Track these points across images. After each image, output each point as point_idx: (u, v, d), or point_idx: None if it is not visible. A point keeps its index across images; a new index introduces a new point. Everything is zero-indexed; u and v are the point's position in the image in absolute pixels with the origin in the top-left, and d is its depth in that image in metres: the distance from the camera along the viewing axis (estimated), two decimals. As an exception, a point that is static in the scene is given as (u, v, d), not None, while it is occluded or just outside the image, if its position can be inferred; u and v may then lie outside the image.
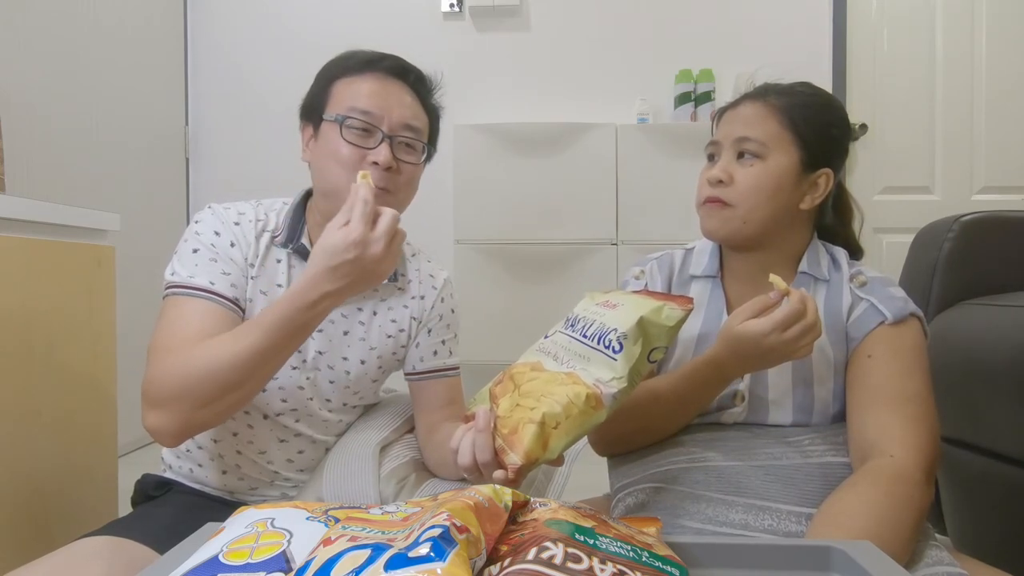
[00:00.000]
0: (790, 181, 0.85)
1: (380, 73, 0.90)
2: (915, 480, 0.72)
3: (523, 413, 0.64)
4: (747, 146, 0.85)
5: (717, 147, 0.89)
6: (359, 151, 0.87)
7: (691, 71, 2.67)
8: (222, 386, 0.75)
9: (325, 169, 0.88)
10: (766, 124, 0.85)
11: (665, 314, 0.66)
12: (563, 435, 0.63)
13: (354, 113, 0.87)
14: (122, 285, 1.39)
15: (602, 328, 0.67)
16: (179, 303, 0.83)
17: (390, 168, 0.87)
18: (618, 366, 0.64)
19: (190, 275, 0.85)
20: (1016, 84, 2.72)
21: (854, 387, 0.82)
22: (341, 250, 0.71)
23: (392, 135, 0.88)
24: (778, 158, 0.85)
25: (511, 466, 0.62)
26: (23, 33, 2.00)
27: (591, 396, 0.63)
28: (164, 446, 0.89)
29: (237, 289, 0.87)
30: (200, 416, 0.78)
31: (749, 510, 0.76)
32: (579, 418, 0.63)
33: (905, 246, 1.34)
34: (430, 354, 1.01)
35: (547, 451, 0.63)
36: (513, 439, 0.63)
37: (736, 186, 0.85)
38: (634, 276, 0.97)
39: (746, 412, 0.87)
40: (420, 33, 2.82)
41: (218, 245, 0.88)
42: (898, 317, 0.82)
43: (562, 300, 2.63)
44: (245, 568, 0.44)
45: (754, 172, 0.84)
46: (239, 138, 2.89)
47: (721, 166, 0.86)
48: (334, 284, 0.73)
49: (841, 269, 0.89)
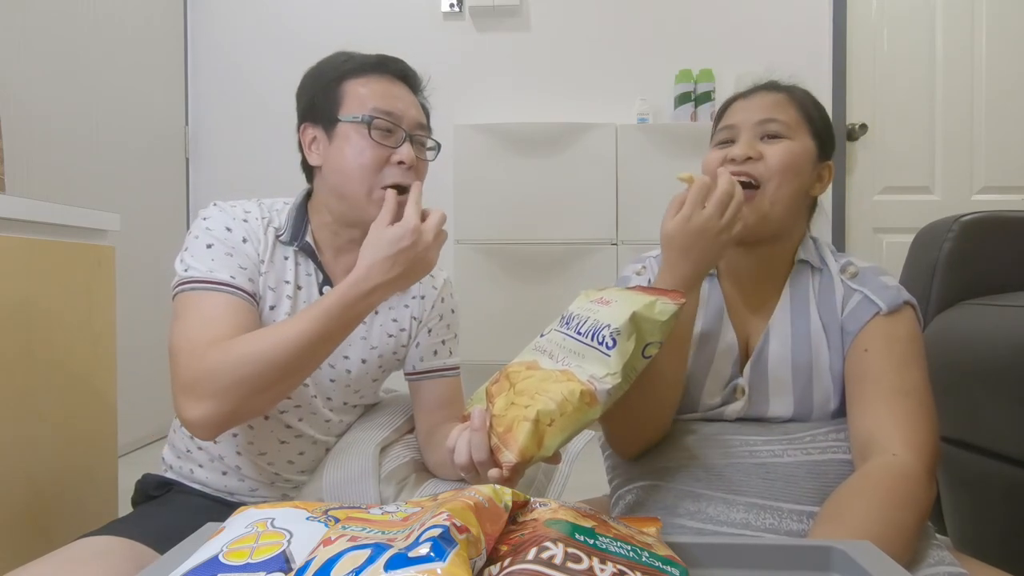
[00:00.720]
0: (809, 166, 0.86)
1: (389, 75, 0.92)
2: (919, 479, 0.72)
3: (518, 411, 0.65)
4: (772, 127, 0.85)
5: (733, 131, 0.88)
6: (384, 150, 0.88)
7: (691, 71, 2.67)
8: (280, 372, 0.78)
9: (347, 170, 0.88)
10: (787, 110, 0.87)
11: (658, 309, 0.67)
12: (558, 432, 0.63)
13: (379, 113, 0.88)
14: (122, 285, 1.39)
15: (596, 325, 0.68)
16: (201, 298, 0.83)
17: (412, 167, 0.89)
18: (612, 362, 0.64)
19: (209, 270, 0.84)
20: (1016, 84, 2.72)
21: (853, 382, 0.82)
22: (399, 238, 0.78)
23: (412, 134, 0.90)
24: (803, 142, 0.86)
25: (506, 464, 0.62)
26: (23, 33, 2.00)
27: (585, 392, 0.63)
28: (203, 439, 0.90)
29: (254, 284, 0.88)
30: (253, 404, 0.80)
31: (750, 509, 0.76)
32: (574, 415, 0.63)
33: (905, 246, 1.34)
34: (430, 354, 1.01)
35: (542, 448, 0.63)
36: (508, 437, 0.63)
37: (767, 161, 0.84)
38: (635, 272, 0.97)
39: (747, 406, 0.87)
40: (420, 33, 2.82)
41: (231, 240, 0.88)
42: (892, 307, 0.82)
43: (562, 300, 2.61)
44: (245, 568, 0.44)
45: (784, 149, 0.84)
46: (239, 138, 2.89)
47: (746, 143, 0.85)
48: (388, 275, 0.79)
49: (827, 261, 0.89)
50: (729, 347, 0.88)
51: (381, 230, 0.80)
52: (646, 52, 2.79)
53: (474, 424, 0.67)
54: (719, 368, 0.88)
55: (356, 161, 0.87)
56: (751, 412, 0.87)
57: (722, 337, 0.88)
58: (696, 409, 0.90)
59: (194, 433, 0.81)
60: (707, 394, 0.89)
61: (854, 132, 2.74)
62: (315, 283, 0.93)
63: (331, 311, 0.78)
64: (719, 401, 0.89)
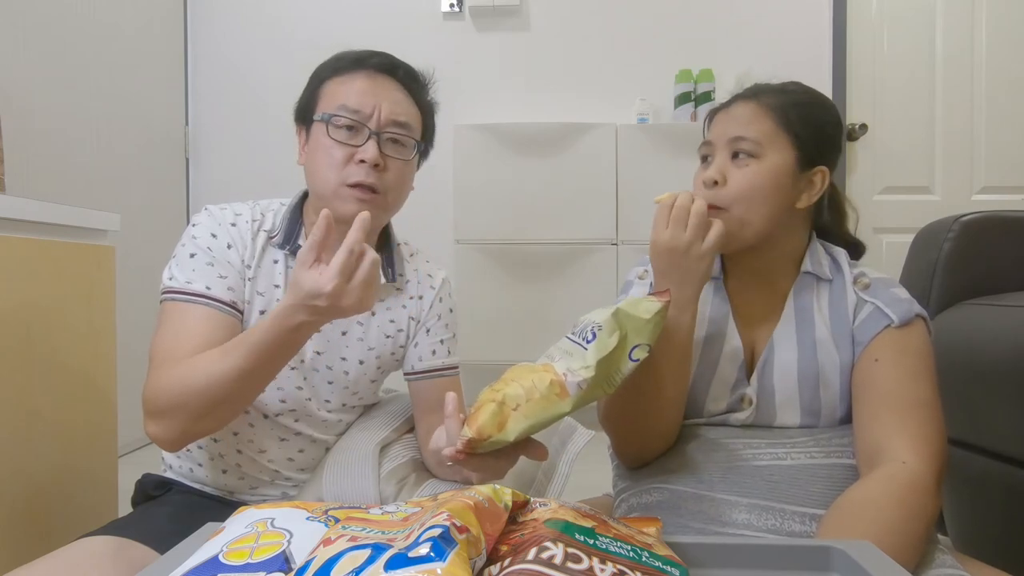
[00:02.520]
0: (787, 180, 0.84)
1: (369, 70, 0.90)
2: (928, 489, 0.71)
3: (489, 395, 0.66)
4: (742, 146, 0.84)
5: (711, 148, 0.88)
6: (346, 149, 0.87)
7: (691, 71, 2.67)
8: (214, 401, 0.77)
9: (315, 169, 0.89)
10: (760, 123, 0.84)
11: (643, 306, 0.67)
12: (522, 418, 0.63)
13: (340, 111, 0.87)
14: (122, 285, 1.39)
15: (586, 323, 0.69)
16: (177, 309, 0.84)
17: (377, 165, 0.87)
18: (588, 355, 0.65)
19: (188, 280, 0.85)
20: (1016, 84, 2.72)
21: (861, 391, 0.81)
22: (313, 296, 0.70)
23: (380, 132, 0.88)
24: (773, 157, 0.83)
25: (461, 438, 0.63)
26: (23, 33, 2.00)
27: (555, 383, 0.64)
28: (167, 451, 0.92)
29: (234, 292, 0.87)
30: (197, 427, 0.80)
31: (752, 510, 0.76)
32: (540, 402, 0.64)
33: (905, 246, 1.34)
34: (429, 354, 1.00)
35: (503, 431, 0.63)
36: (472, 416, 0.64)
37: (728, 188, 0.83)
38: (638, 276, 0.96)
39: (754, 415, 0.86)
40: (420, 33, 2.82)
41: (215, 248, 0.88)
42: (904, 320, 0.81)
43: (562, 300, 2.65)
44: (245, 568, 0.44)
45: (749, 172, 0.83)
46: (239, 138, 2.89)
47: (716, 166, 0.85)
48: (309, 317, 0.73)
49: (843, 270, 0.88)
50: (734, 351, 0.87)
51: (301, 273, 0.71)
52: (646, 52, 2.79)
53: (447, 410, 0.68)
54: (724, 372, 0.88)
55: (321, 160, 0.87)
56: (758, 421, 0.87)
57: (727, 341, 0.88)
58: (701, 414, 0.90)
59: (158, 445, 0.83)
60: (711, 399, 0.88)
61: (854, 132, 2.74)
62: None
63: (260, 346, 0.75)
64: (724, 407, 0.88)
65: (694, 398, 0.89)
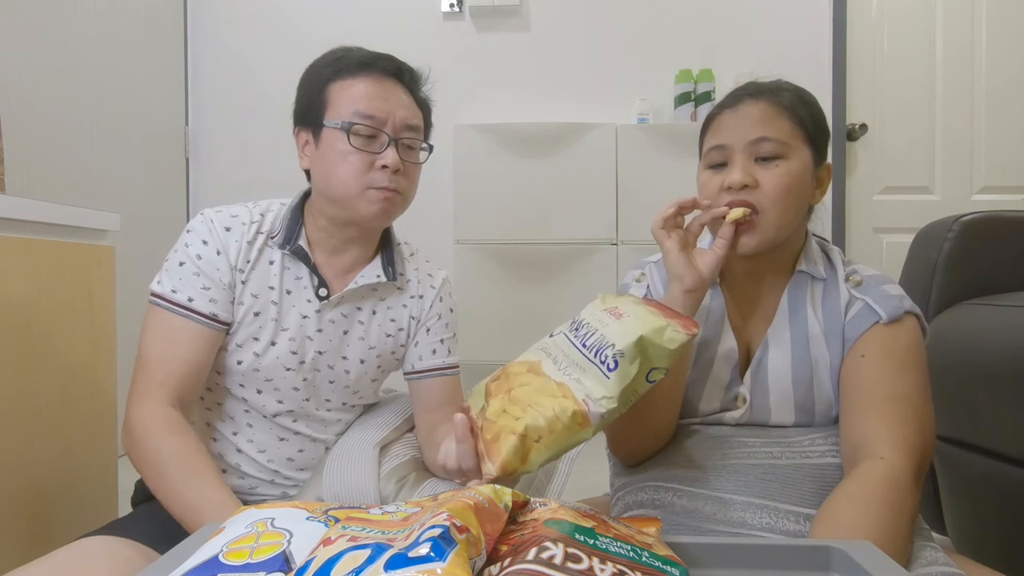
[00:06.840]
0: (809, 178, 0.83)
1: (377, 74, 0.90)
2: (906, 484, 0.71)
3: (507, 421, 0.64)
4: (766, 147, 0.80)
5: (725, 152, 0.83)
6: (367, 156, 0.88)
7: (691, 71, 2.67)
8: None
9: (331, 176, 0.88)
10: (779, 122, 0.81)
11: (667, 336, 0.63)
12: (544, 449, 0.62)
13: (359, 118, 0.87)
14: (122, 285, 1.39)
15: (602, 341, 0.65)
16: (160, 316, 0.87)
17: (398, 170, 0.88)
18: (611, 385, 0.62)
19: (173, 289, 0.87)
20: (1016, 84, 2.72)
21: (846, 387, 0.81)
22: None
23: (397, 137, 0.89)
24: (799, 155, 0.81)
25: (487, 476, 0.62)
26: (23, 33, 2.00)
27: (577, 413, 0.61)
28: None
29: (216, 304, 0.88)
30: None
31: (747, 508, 0.76)
32: (563, 433, 0.62)
33: (905, 246, 1.34)
34: (429, 353, 1.01)
35: (526, 464, 0.62)
36: (493, 448, 0.63)
37: (763, 189, 0.80)
38: (635, 279, 0.96)
39: (748, 414, 0.87)
40: (420, 33, 2.82)
41: (204, 256, 0.88)
42: (893, 316, 0.80)
43: (562, 300, 2.65)
44: (245, 568, 0.44)
45: (779, 173, 0.80)
46: (239, 138, 2.89)
47: (741, 168, 0.80)
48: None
49: (836, 267, 0.88)
50: (729, 352, 0.87)
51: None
52: (646, 52, 2.79)
53: (457, 435, 0.69)
54: (718, 373, 0.88)
55: (341, 167, 0.88)
56: (753, 419, 0.87)
57: (722, 342, 0.88)
58: (695, 414, 0.90)
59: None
60: (706, 399, 0.88)
61: (854, 132, 2.74)
62: (308, 286, 0.93)
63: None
64: (718, 407, 0.88)
65: (689, 398, 0.89)
